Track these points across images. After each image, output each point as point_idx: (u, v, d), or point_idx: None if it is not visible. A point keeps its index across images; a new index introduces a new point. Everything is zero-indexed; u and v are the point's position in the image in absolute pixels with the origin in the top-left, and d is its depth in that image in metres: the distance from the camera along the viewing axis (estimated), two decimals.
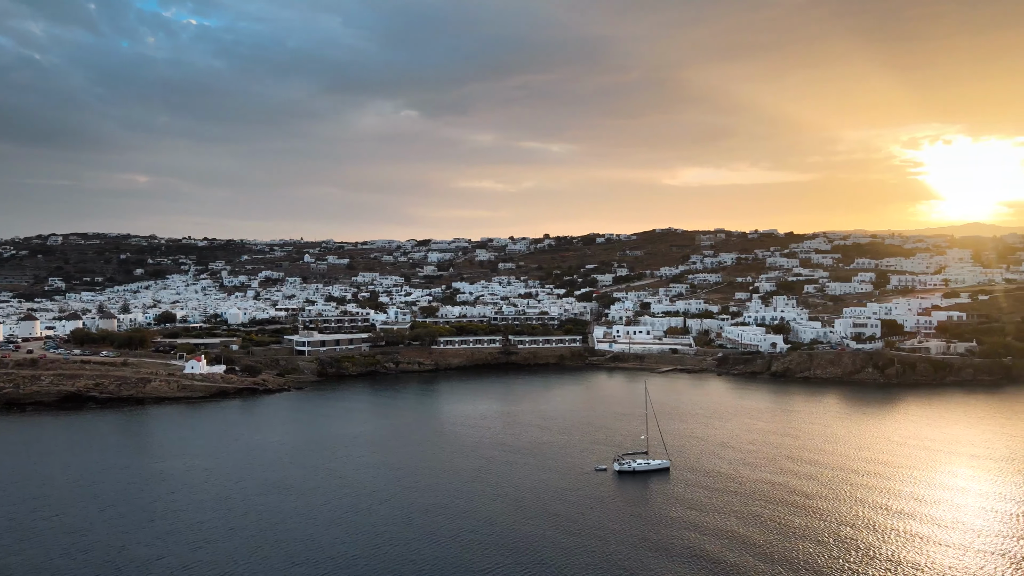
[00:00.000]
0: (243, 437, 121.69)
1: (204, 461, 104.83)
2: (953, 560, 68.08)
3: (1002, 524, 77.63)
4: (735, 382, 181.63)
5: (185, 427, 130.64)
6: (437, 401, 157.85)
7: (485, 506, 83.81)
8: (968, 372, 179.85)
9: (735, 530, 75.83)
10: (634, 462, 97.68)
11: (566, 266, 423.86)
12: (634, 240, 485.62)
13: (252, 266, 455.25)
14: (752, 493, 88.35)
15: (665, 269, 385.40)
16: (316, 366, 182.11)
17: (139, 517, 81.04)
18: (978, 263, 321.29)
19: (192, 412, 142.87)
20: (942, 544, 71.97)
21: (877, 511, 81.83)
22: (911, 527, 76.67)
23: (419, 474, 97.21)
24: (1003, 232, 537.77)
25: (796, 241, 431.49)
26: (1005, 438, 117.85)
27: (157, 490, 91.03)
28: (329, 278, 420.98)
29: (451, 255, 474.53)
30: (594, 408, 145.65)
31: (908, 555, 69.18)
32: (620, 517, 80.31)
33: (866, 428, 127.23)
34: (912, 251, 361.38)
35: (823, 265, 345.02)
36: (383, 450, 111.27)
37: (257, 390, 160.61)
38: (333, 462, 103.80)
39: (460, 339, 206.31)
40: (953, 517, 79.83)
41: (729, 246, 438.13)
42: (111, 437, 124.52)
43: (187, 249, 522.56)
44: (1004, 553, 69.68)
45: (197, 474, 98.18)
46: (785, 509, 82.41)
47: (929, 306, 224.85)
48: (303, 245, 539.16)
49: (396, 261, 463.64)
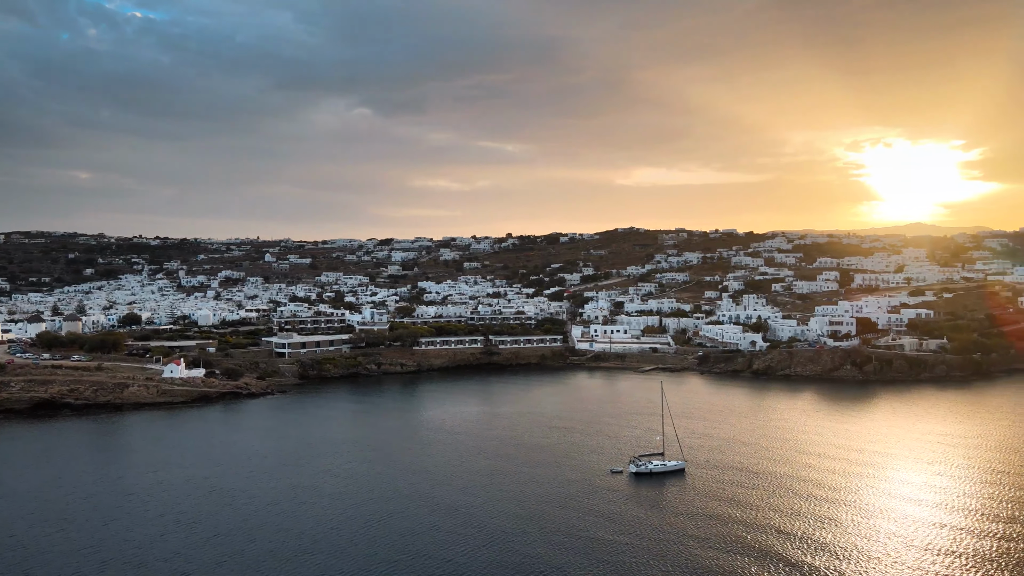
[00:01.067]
0: (238, 444, 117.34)
1: (201, 470, 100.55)
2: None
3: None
4: (719, 380, 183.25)
5: (172, 434, 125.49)
6: (427, 404, 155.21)
7: (507, 516, 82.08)
8: (941, 368, 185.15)
9: (771, 528, 75.82)
10: (651, 463, 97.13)
11: (531, 265, 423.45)
12: (597, 240, 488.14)
13: (210, 266, 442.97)
14: (774, 490, 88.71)
15: (631, 268, 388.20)
16: (297, 368, 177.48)
17: (150, 532, 77.09)
18: (933, 262, 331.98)
19: (175, 418, 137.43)
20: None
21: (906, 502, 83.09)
22: (942, 518, 77.89)
23: (430, 480, 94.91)
24: (943, 232, 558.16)
25: (756, 240, 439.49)
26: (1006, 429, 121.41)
27: (161, 500, 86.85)
28: (292, 278, 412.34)
29: (415, 254, 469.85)
30: (589, 408, 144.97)
31: (940, 543, 70.08)
32: (654, 523, 79.57)
33: (873, 423, 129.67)
34: (870, 250, 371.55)
35: (787, 264, 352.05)
36: (385, 454, 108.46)
37: (240, 394, 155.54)
38: (340, 467, 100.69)
39: (441, 340, 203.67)
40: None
41: (692, 245, 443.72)
42: (95, 446, 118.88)
43: (139, 248, 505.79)
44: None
45: (198, 483, 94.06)
46: (813, 504, 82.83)
47: (898, 304, 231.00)
48: (261, 244, 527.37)
49: (360, 261, 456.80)
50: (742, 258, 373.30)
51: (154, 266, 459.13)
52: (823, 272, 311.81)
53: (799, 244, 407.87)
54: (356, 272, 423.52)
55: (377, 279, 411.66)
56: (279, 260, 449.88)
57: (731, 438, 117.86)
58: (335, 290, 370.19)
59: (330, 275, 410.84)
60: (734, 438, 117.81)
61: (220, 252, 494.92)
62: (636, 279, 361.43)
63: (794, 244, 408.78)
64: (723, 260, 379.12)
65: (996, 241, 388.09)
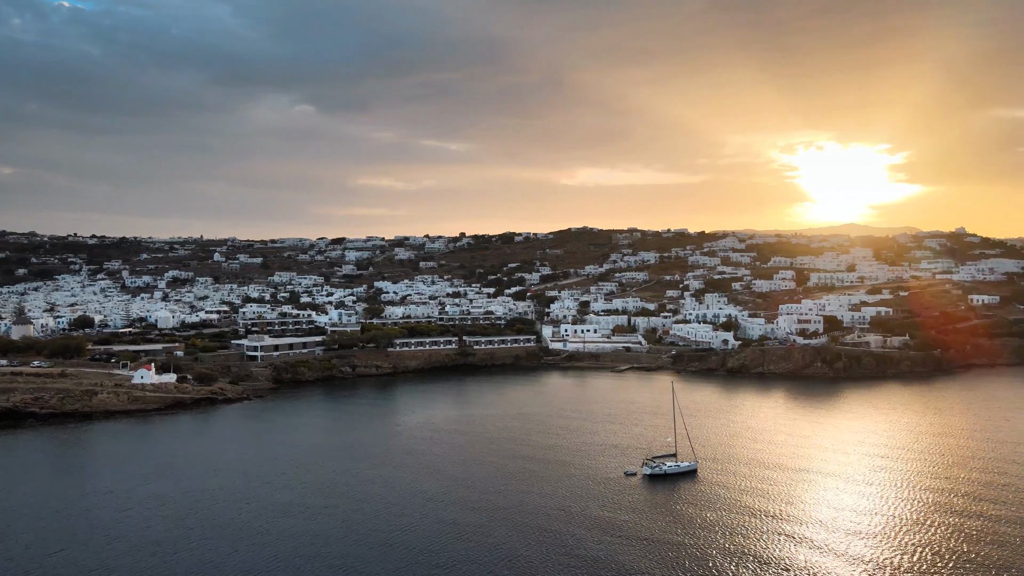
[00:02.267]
0: (225, 453, 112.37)
1: (199, 483, 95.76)
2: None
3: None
4: (695, 379, 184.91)
5: (152, 443, 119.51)
6: (411, 407, 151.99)
7: (530, 531, 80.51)
8: (906, 364, 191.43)
9: (800, 524, 76.39)
10: (664, 465, 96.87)
11: (488, 265, 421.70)
12: (551, 239, 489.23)
13: (155, 266, 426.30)
14: (791, 485, 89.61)
15: (589, 268, 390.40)
16: (271, 372, 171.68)
17: (164, 554, 72.69)
18: (881, 261, 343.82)
19: (150, 426, 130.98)
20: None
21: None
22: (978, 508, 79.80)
23: (441, 486, 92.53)
24: (875, 232, 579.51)
25: (709, 240, 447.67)
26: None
27: (168, 513, 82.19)
28: (243, 278, 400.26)
29: (369, 254, 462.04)
30: (580, 409, 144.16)
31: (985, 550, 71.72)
32: (683, 530, 79.21)
33: (877, 420, 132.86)
34: (819, 250, 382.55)
35: (742, 263, 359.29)
36: (387, 460, 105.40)
37: (216, 400, 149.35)
38: (351, 473, 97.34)
39: (416, 341, 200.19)
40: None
41: (646, 245, 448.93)
42: (74, 457, 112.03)
43: (75, 247, 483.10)
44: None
45: (198, 496, 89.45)
46: (834, 496, 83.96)
47: (858, 302, 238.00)
48: (207, 243, 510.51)
49: (313, 260, 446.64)
50: (698, 257, 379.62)
51: (93, 266, 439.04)
52: (779, 271, 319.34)
53: (751, 244, 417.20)
54: (310, 272, 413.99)
55: (332, 279, 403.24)
56: (229, 259, 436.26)
57: (731, 435, 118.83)
58: (289, 290, 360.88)
59: (283, 275, 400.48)
60: (734, 435, 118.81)
61: (164, 251, 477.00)
62: (595, 278, 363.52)
63: (747, 244, 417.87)
64: (680, 259, 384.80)
65: (935, 241, 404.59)
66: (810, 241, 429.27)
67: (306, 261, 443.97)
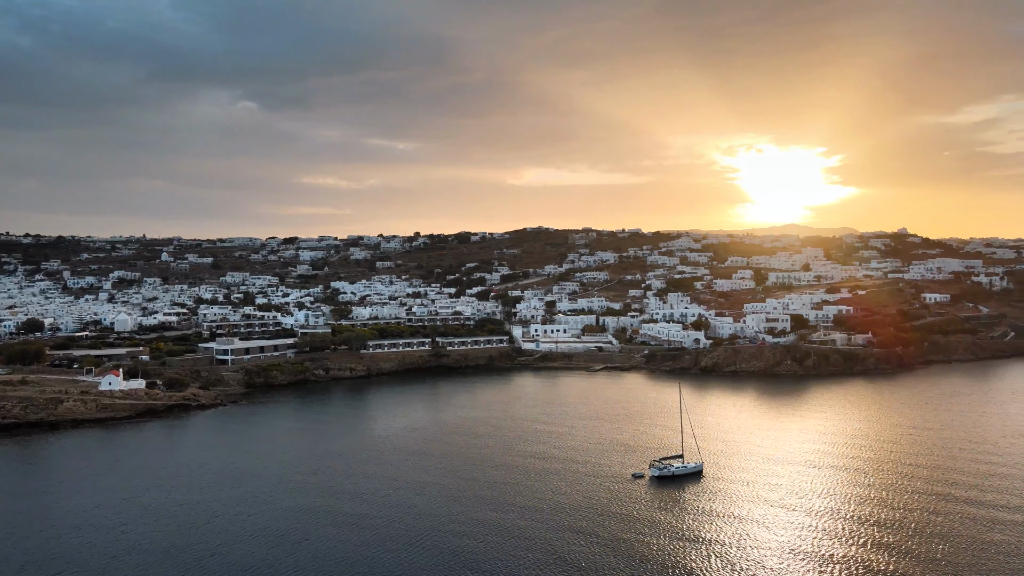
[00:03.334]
0: (209, 462, 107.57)
1: (198, 494, 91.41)
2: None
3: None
4: (670, 378, 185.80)
5: (131, 453, 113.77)
6: (395, 411, 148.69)
7: (555, 536, 79.27)
8: (871, 362, 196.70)
9: (819, 519, 77.21)
10: (672, 466, 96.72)
11: (446, 264, 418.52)
12: (507, 239, 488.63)
13: (98, 266, 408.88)
14: (796, 482, 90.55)
15: (549, 267, 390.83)
16: (242, 376, 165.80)
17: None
18: (834, 261, 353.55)
19: (124, 435, 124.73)
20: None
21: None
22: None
23: (450, 491, 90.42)
24: (815, 232, 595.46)
25: (664, 240, 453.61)
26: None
27: (179, 524, 78.01)
28: (193, 278, 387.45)
29: (323, 254, 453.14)
30: (570, 411, 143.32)
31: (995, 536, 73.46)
32: (702, 529, 79.04)
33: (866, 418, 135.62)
34: (773, 250, 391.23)
35: (700, 263, 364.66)
36: (392, 465, 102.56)
37: (189, 406, 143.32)
38: (351, 489, 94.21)
39: (389, 343, 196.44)
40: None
41: (602, 245, 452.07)
42: (48, 469, 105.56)
43: (8, 247, 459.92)
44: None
45: (198, 511, 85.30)
46: (845, 488, 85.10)
47: (820, 301, 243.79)
48: (151, 243, 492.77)
49: (266, 260, 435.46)
50: (657, 257, 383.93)
51: (29, 266, 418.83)
52: (738, 271, 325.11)
53: (708, 244, 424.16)
54: (263, 272, 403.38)
55: (287, 279, 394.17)
56: (177, 260, 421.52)
57: (727, 433, 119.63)
58: (243, 291, 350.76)
59: (235, 275, 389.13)
60: (730, 433, 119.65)
61: (106, 251, 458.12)
62: (555, 278, 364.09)
63: (703, 244, 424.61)
64: (638, 259, 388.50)
65: (880, 241, 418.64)
66: (763, 241, 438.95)
67: (259, 261, 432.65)
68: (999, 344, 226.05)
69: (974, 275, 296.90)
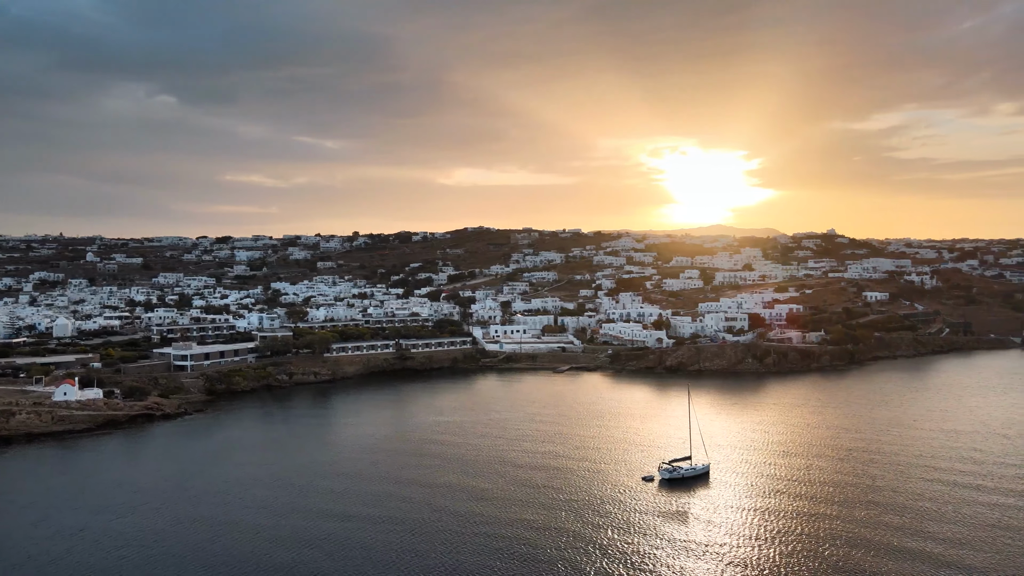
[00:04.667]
0: (195, 476, 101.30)
1: (183, 511, 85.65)
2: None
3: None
4: (638, 378, 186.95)
5: (101, 469, 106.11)
6: (373, 417, 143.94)
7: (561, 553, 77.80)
8: (826, 359, 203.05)
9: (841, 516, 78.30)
10: (682, 468, 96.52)
11: (389, 264, 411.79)
12: (449, 239, 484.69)
13: (14, 267, 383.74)
14: (804, 480, 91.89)
15: (495, 267, 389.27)
16: (203, 383, 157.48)
17: None
18: (774, 261, 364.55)
19: (86, 449, 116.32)
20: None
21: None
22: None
23: (462, 498, 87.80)
24: (740, 233, 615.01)
25: (605, 240, 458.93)
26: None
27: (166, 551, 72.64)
28: (122, 279, 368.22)
29: (260, 253, 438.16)
30: (553, 412, 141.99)
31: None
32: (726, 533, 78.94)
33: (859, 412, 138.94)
34: (713, 250, 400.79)
35: (645, 263, 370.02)
36: (388, 474, 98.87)
37: (153, 416, 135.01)
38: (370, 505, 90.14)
39: (353, 345, 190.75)
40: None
41: (545, 245, 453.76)
42: (11, 490, 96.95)
43: None
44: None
45: (189, 527, 79.86)
46: (855, 490, 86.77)
47: (771, 300, 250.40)
48: (70, 242, 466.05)
49: (200, 260, 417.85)
50: (603, 257, 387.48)
51: None
52: (684, 271, 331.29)
53: (650, 244, 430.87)
54: (197, 272, 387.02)
55: (223, 280, 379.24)
56: (104, 260, 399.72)
57: (722, 432, 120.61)
58: (178, 292, 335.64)
59: (169, 276, 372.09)
60: (725, 432, 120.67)
61: (21, 250, 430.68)
62: (503, 278, 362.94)
63: (645, 244, 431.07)
64: (585, 259, 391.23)
65: (812, 242, 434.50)
66: (703, 241, 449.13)
67: (192, 261, 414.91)
68: (938, 340, 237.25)
69: (906, 274, 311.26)
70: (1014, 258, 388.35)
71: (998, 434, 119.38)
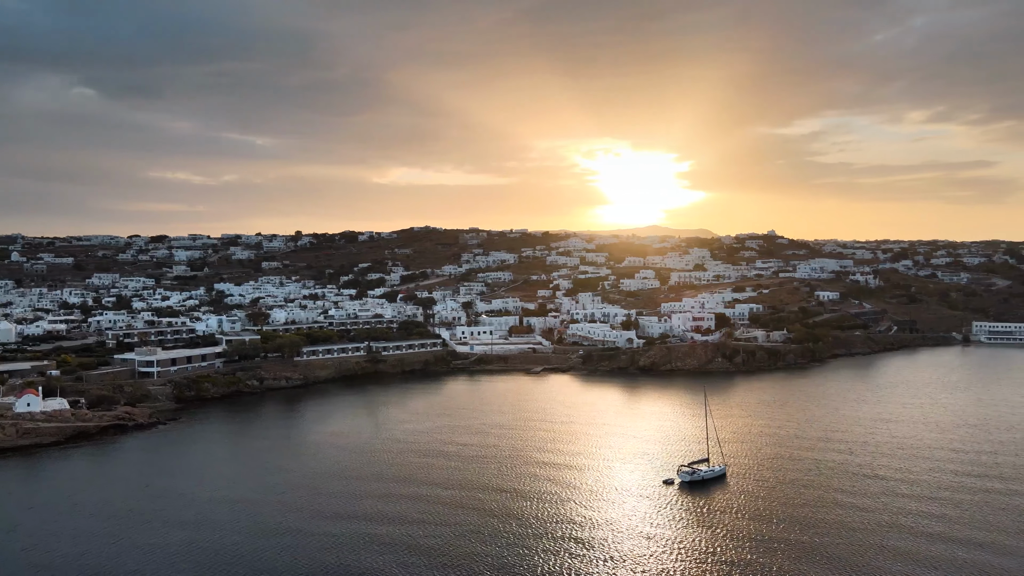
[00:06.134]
0: (194, 494, 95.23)
1: (202, 532, 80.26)
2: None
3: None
4: (613, 378, 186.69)
5: (85, 487, 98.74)
6: (364, 423, 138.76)
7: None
8: (791, 357, 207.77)
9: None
10: (701, 471, 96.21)
11: (337, 264, 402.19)
12: (396, 239, 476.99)
13: None
14: (814, 473, 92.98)
15: (448, 267, 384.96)
16: (171, 390, 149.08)
17: None
18: (725, 261, 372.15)
19: (55, 464, 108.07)
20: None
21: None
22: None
23: (491, 500, 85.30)
24: (674, 233, 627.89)
25: (554, 240, 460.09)
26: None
27: None
28: (52, 280, 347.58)
29: (200, 253, 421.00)
30: (545, 416, 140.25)
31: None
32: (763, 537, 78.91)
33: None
34: (663, 250, 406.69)
35: (598, 263, 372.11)
36: (402, 493, 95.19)
37: (125, 427, 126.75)
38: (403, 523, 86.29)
39: (324, 349, 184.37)
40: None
41: (494, 245, 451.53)
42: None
43: None
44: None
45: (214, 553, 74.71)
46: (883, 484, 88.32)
47: (731, 299, 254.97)
48: None
49: (136, 260, 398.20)
50: (556, 257, 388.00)
51: None
52: (640, 271, 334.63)
53: (601, 244, 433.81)
54: (134, 273, 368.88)
55: (163, 280, 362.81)
56: (31, 260, 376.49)
57: (722, 431, 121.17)
58: (115, 294, 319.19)
59: (104, 276, 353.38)
60: (725, 431, 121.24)
61: None
62: (457, 278, 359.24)
63: (596, 244, 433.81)
64: (538, 259, 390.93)
65: (755, 242, 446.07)
66: (651, 242, 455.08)
67: (128, 261, 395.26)
68: (888, 338, 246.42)
69: (851, 274, 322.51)
70: (942, 259, 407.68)
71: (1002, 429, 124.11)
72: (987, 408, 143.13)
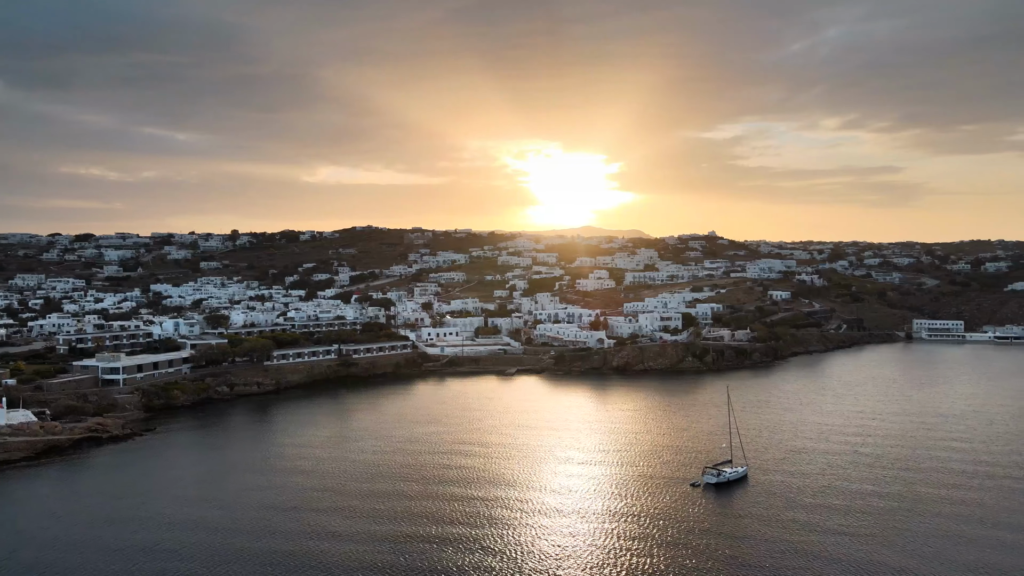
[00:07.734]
0: (203, 516, 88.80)
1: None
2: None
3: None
4: (588, 379, 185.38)
5: (70, 509, 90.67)
6: (355, 430, 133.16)
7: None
8: (756, 355, 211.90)
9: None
10: (726, 472, 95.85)
11: (280, 265, 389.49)
12: (339, 238, 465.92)
13: None
14: (844, 474, 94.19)
15: (397, 268, 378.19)
16: (139, 399, 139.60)
17: None
18: (673, 261, 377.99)
19: (27, 484, 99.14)
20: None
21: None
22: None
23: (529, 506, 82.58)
24: (608, 234, 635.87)
25: (500, 240, 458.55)
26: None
27: None
28: None
29: (132, 252, 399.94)
30: (542, 420, 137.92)
31: None
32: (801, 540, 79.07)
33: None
34: (611, 250, 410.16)
35: (551, 263, 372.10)
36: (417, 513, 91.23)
37: (100, 439, 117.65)
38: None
39: (295, 352, 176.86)
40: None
41: (439, 245, 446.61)
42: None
43: None
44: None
45: None
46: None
47: (692, 299, 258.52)
48: None
49: (62, 260, 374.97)
50: (508, 258, 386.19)
51: None
52: (594, 271, 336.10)
53: (549, 244, 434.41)
54: (61, 274, 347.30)
55: (93, 281, 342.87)
56: None
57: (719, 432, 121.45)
58: (43, 296, 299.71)
59: (28, 277, 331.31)
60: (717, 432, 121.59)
61: None
62: (408, 279, 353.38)
63: (545, 245, 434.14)
64: (489, 260, 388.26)
65: (698, 243, 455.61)
66: (600, 242, 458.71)
67: (53, 261, 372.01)
68: (840, 336, 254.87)
69: (797, 275, 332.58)
70: (873, 259, 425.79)
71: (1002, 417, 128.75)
72: (965, 401, 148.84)
